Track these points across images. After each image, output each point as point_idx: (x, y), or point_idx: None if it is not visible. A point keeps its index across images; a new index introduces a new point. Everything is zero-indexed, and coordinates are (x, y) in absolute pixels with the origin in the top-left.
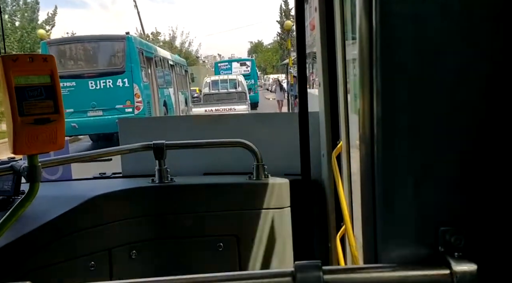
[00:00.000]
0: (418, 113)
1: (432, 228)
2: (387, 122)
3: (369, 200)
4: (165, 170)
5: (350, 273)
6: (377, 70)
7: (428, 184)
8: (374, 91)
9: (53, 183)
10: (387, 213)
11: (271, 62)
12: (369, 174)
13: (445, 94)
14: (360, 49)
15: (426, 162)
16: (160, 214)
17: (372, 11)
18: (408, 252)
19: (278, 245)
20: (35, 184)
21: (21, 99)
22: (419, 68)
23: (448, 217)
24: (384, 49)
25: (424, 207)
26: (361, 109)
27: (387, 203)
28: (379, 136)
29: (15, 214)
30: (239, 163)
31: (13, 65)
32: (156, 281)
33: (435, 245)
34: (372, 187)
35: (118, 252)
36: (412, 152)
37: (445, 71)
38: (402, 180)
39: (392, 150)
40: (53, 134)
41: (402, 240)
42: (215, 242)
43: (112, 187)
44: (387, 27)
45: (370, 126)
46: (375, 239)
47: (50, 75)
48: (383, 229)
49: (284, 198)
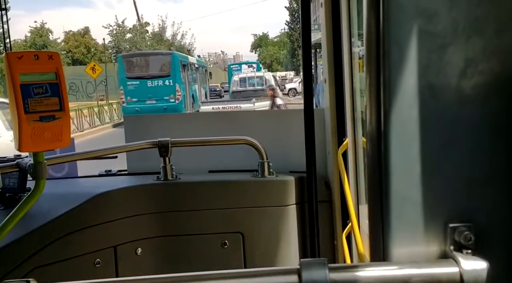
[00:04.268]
0: (426, 108)
1: (441, 225)
2: (396, 118)
3: (377, 196)
4: (170, 167)
5: (356, 271)
6: (385, 65)
7: (437, 181)
8: (382, 86)
9: (59, 180)
10: (395, 210)
11: (278, 57)
12: (377, 171)
13: (454, 88)
14: (368, 44)
15: (435, 158)
16: (165, 211)
17: (380, 5)
18: (416, 249)
19: (283, 243)
20: (41, 181)
21: (26, 96)
22: (427, 62)
23: (457, 214)
24: (392, 44)
25: (433, 204)
26: (368, 105)
27: (395, 200)
28: (387, 132)
29: (21, 211)
30: (244, 160)
31: (18, 62)
32: (162, 278)
33: (444, 243)
34: (380, 184)
35: (124, 249)
36: (421, 148)
37: (454, 65)
38: (410, 176)
39: (401, 146)
40: (59, 131)
41: (410, 238)
42: (220, 240)
43: (118, 184)
44: (394, 21)
45: (377, 122)
46: (382, 236)
47: (55, 72)
48: (391, 226)
49: (290, 196)
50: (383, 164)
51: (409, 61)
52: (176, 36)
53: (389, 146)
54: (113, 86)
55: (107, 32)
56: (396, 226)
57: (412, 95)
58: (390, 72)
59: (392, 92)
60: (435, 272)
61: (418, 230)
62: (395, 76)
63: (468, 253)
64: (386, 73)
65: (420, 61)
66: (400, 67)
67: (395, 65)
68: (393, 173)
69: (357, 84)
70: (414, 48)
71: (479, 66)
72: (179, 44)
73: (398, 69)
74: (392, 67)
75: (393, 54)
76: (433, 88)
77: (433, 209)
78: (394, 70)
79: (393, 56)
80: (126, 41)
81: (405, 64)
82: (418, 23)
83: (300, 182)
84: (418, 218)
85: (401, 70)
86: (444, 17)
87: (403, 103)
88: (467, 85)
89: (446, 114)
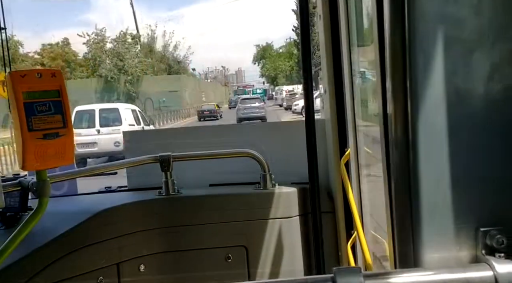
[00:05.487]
0: (454, 113)
1: (472, 229)
2: (423, 124)
3: (406, 203)
4: (172, 182)
5: (391, 277)
6: (411, 73)
7: (466, 185)
8: (408, 94)
9: (59, 198)
10: (425, 216)
11: (284, 70)
12: (406, 177)
13: (481, 93)
14: (392, 52)
15: (464, 163)
16: (168, 226)
17: (405, 13)
18: (447, 254)
19: (287, 255)
20: (44, 199)
21: (30, 114)
22: (454, 68)
23: (488, 217)
24: (418, 51)
25: (463, 208)
26: (393, 113)
27: (425, 206)
28: (415, 138)
29: (25, 229)
30: (246, 172)
31: (21, 81)
32: None
33: (475, 247)
34: (409, 190)
35: (127, 266)
36: (449, 154)
37: (480, 71)
38: (440, 182)
39: (429, 152)
40: (62, 148)
41: (441, 243)
42: (224, 254)
43: (119, 200)
44: (420, 29)
45: (404, 129)
46: (412, 242)
47: (58, 90)
48: (422, 232)
49: (292, 207)
50: (411, 170)
51: (435, 68)
52: (167, 47)
53: (418, 152)
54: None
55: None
56: (427, 232)
57: (439, 101)
58: (416, 79)
59: (419, 99)
60: (470, 276)
61: (449, 235)
62: (421, 83)
63: (501, 257)
64: (413, 80)
65: (446, 67)
66: (426, 73)
67: (421, 72)
68: (422, 179)
69: (358, 94)
70: (440, 54)
71: (505, 71)
72: (172, 56)
73: (424, 76)
74: (419, 74)
75: (419, 61)
76: (460, 93)
77: (463, 213)
78: (420, 77)
79: (419, 63)
80: (106, 52)
81: (431, 70)
82: (444, 30)
83: (302, 193)
84: (449, 223)
85: (427, 77)
86: (469, 24)
87: (431, 109)
88: (494, 90)
89: (474, 119)
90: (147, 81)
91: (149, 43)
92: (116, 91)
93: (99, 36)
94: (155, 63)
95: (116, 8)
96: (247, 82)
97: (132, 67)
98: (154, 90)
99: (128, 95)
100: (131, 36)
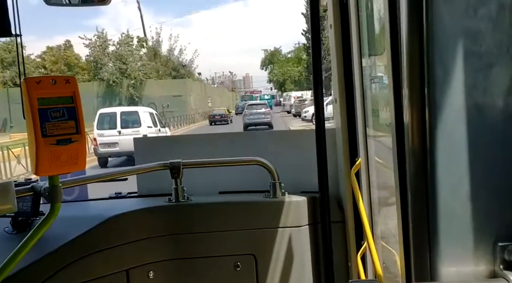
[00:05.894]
0: (473, 126)
1: (490, 243)
2: (442, 136)
3: (423, 215)
4: (181, 189)
5: None
6: (430, 85)
7: (485, 199)
8: (427, 105)
9: (70, 203)
10: (443, 229)
11: (292, 75)
12: (423, 188)
13: (501, 107)
14: (409, 62)
15: (482, 176)
16: (177, 233)
17: (423, 27)
18: (464, 268)
19: (296, 264)
20: (56, 205)
21: (44, 120)
22: (473, 82)
23: (507, 232)
24: (437, 64)
25: (482, 222)
26: (409, 121)
27: (443, 218)
28: (433, 149)
29: (37, 234)
30: (255, 180)
31: (36, 87)
32: None
33: (493, 262)
34: (427, 202)
35: (136, 273)
36: (468, 166)
37: (500, 84)
38: (458, 194)
39: (448, 164)
40: (75, 154)
41: (458, 256)
42: (233, 261)
43: (129, 207)
44: (438, 42)
45: (422, 140)
46: (429, 255)
47: (72, 96)
48: (439, 244)
49: (302, 216)
50: (429, 181)
51: (454, 81)
52: (173, 51)
53: (436, 164)
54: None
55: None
56: (444, 245)
57: (458, 113)
58: (435, 92)
59: (437, 108)
60: None
61: (466, 249)
62: (440, 95)
63: None
64: (431, 93)
65: (465, 80)
66: (445, 86)
67: (439, 85)
68: (440, 191)
69: (369, 103)
70: (460, 68)
71: None
72: (177, 60)
73: (443, 89)
74: (437, 87)
75: (437, 74)
76: (479, 106)
77: (481, 227)
78: (438, 89)
79: (437, 76)
80: (108, 55)
81: (450, 83)
82: (462, 43)
83: (312, 202)
84: (467, 236)
85: (446, 90)
86: (488, 37)
87: (449, 121)
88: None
89: (493, 131)
90: (151, 85)
91: (154, 47)
92: (118, 95)
93: (101, 38)
94: (160, 66)
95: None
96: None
97: (135, 71)
98: (157, 95)
99: (131, 100)
100: (138, 39)
